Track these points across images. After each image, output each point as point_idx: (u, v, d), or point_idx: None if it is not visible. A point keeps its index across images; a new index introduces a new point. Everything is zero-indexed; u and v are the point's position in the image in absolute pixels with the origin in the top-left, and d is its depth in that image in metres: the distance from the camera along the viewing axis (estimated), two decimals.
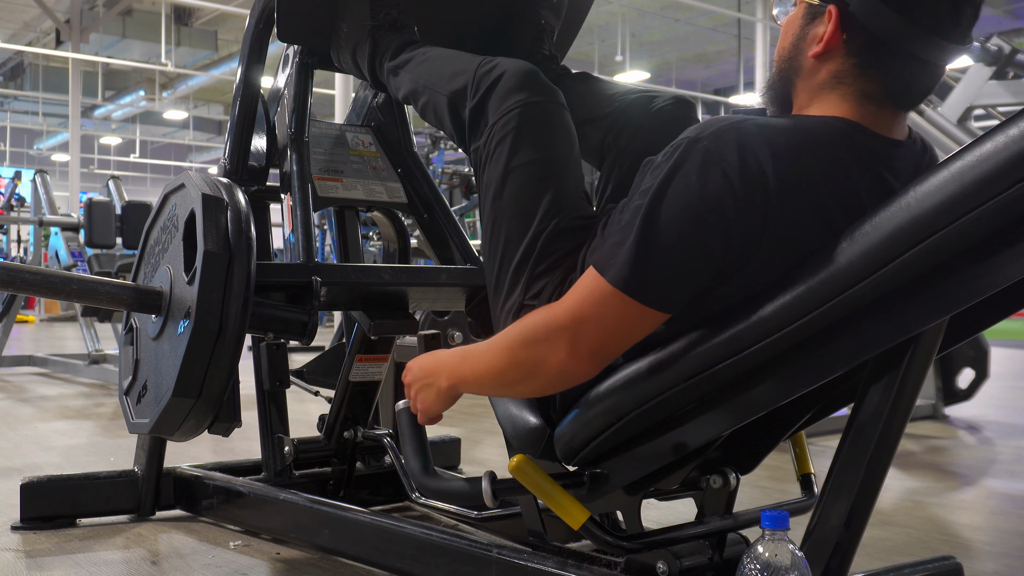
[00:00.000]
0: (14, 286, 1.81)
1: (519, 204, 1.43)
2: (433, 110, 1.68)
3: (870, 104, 1.18)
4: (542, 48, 2.00)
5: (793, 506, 1.49)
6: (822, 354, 1.10)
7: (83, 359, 5.74)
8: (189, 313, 1.79)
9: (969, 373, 4.04)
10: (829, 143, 1.15)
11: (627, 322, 1.16)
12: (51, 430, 3.62)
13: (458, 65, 1.63)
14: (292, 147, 2.14)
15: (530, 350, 1.21)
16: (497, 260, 1.44)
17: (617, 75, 15.48)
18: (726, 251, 1.12)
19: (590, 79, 1.87)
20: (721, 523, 1.41)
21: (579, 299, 1.17)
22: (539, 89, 1.49)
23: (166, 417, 1.83)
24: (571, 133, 1.49)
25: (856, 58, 1.17)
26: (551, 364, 1.19)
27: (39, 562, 1.91)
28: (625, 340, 1.18)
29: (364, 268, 2.11)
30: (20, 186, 8.50)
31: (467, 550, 1.55)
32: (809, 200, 1.12)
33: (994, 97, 4.77)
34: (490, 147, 1.48)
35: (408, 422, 1.44)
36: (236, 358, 1.81)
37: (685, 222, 1.11)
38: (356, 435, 2.23)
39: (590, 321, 1.16)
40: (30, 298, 13.96)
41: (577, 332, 1.16)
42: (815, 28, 1.20)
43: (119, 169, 23.64)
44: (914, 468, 3.01)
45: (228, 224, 1.82)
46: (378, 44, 1.90)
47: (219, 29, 15.75)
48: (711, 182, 1.10)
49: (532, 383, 1.24)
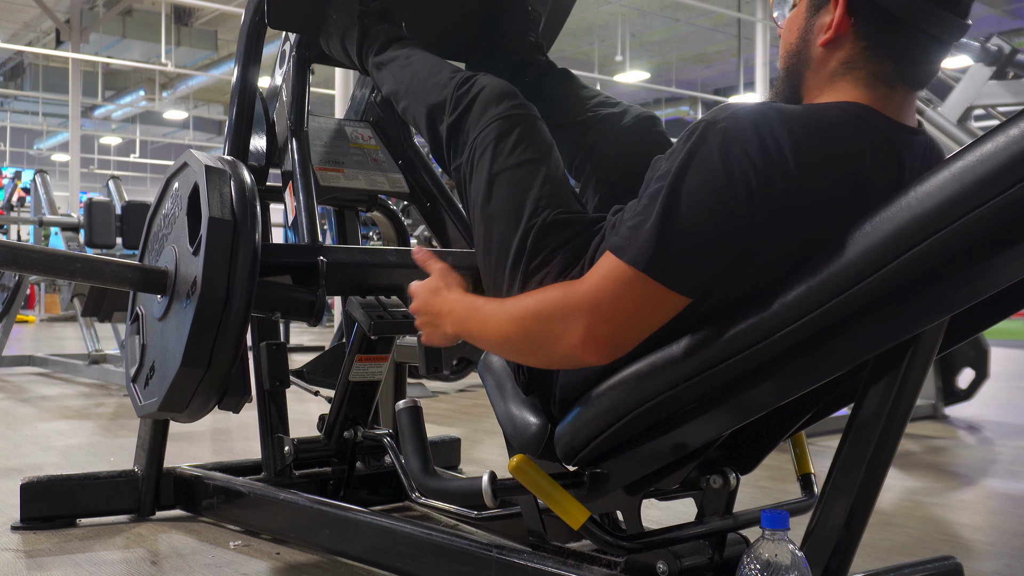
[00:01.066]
0: (18, 264, 1.79)
1: (506, 206, 1.45)
2: (412, 117, 1.74)
3: (882, 86, 1.18)
4: (528, 35, 2.03)
5: (793, 506, 1.49)
6: (822, 354, 1.10)
7: (83, 359, 5.74)
8: (195, 284, 1.77)
9: (969, 373, 4.04)
10: (844, 127, 1.15)
11: (647, 307, 1.14)
12: (51, 430, 3.62)
13: (438, 78, 1.67)
14: (292, 138, 2.14)
15: (543, 325, 1.19)
16: (492, 264, 1.46)
17: (617, 75, 15.48)
18: (750, 228, 1.10)
19: (571, 81, 1.91)
20: (721, 523, 1.41)
21: (598, 281, 1.15)
22: (515, 104, 1.54)
23: (175, 392, 1.81)
24: (549, 138, 1.54)
25: (866, 40, 1.18)
26: (563, 344, 1.17)
27: (39, 562, 1.91)
28: (643, 327, 1.16)
29: (370, 250, 2.11)
30: (20, 185, 8.49)
31: (467, 550, 1.55)
32: (827, 184, 1.12)
33: (994, 97, 4.77)
34: (472, 161, 1.52)
35: (408, 422, 1.44)
36: (244, 326, 1.79)
37: (709, 199, 1.09)
38: (356, 435, 2.22)
39: (608, 305, 1.14)
40: (30, 298, 13.97)
41: (595, 316, 1.14)
42: (821, 18, 1.21)
43: (119, 169, 23.65)
44: (914, 468, 3.01)
45: (232, 193, 1.82)
46: (367, 32, 1.92)
47: (219, 29, 15.75)
48: (734, 159, 1.09)
49: (537, 356, 1.24)
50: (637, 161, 1.64)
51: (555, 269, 1.37)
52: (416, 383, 4.90)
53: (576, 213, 1.43)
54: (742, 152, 1.09)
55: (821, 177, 1.11)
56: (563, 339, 1.17)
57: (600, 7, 14.00)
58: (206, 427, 3.74)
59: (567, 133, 1.78)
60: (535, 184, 1.45)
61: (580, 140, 1.77)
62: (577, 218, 1.42)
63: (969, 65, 4.83)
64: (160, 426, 2.25)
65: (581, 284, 1.18)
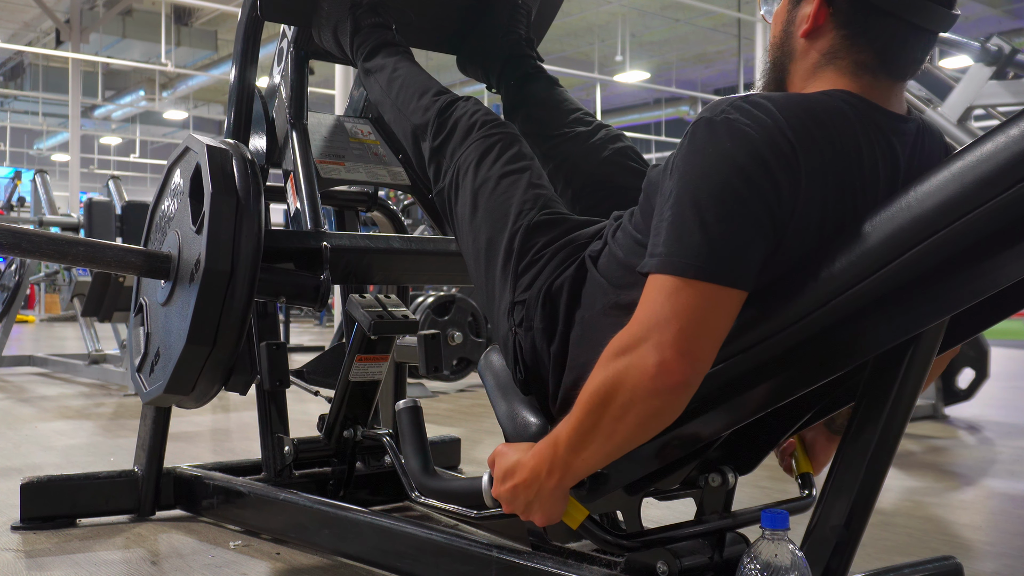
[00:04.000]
0: (20, 248, 1.77)
1: (492, 214, 1.48)
2: (398, 129, 1.79)
3: (866, 75, 1.19)
4: (518, 28, 2.05)
5: (792, 505, 1.49)
6: (822, 354, 1.10)
7: (83, 359, 5.74)
8: (199, 263, 1.76)
9: (969, 373, 4.05)
10: (835, 112, 1.14)
11: (712, 314, 1.06)
12: (51, 430, 3.62)
13: (422, 100, 1.72)
14: (292, 130, 2.14)
15: (606, 372, 1.08)
16: (483, 269, 1.48)
17: (617, 75, 15.47)
18: (779, 205, 1.08)
19: (554, 90, 1.94)
20: (720, 522, 1.41)
21: (651, 309, 1.07)
22: (495, 124, 1.59)
23: (180, 372, 1.80)
24: (529, 151, 1.59)
25: (845, 29, 1.19)
26: (636, 377, 1.05)
27: (39, 562, 1.91)
28: (711, 332, 1.07)
29: (374, 236, 2.11)
30: (20, 186, 8.49)
31: (467, 550, 1.55)
32: (826, 163, 1.11)
33: (994, 97, 4.76)
34: (456, 182, 1.57)
35: (408, 422, 1.44)
36: (249, 301, 1.78)
37: (738, 183, 1.07)
38: (356, 434, 2.22)
39: (668, 322, 1.05)
40: (30, 298, 13.97)
41: (659, 336, 1.05)
42: (802, 9, 1.23)
43: (119, 169, 23.63)
44: (914, 468, 3.01)
45: (235, 169, 1.81)
46: (359, 26, 1.93)
47: (219, 29, 15.74)
48: (748, 142, 1.08)
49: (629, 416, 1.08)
50: (607, 174, 1.73)
51: (546, 269, 1.38)
52: (416, 383, 4.91)
53: (561, 214, 1.46)
54: (752, 136, 1.09)
55: (820, 156, 1.11)
56: (632, 372, 1.06)
57: (600, 7, 13.99)
58: (206, 427, 3.74)
59: (543, 143, 1.82)
60: (518, 190, 1.48)
61: (553, 152, 1.81)
62: (562, 218, 1.45)
63: (969, 65, 4.83)
64: (160, 426, 2.25)
65: (633, 323, 1.09)
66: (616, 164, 1.75)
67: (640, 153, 1.80)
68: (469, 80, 2.94)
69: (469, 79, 2.35)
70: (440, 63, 10.52)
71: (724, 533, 1.40)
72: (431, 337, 2.24)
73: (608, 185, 1.72)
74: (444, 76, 4.15)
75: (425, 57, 3.37)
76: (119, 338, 5.82)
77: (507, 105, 1.97)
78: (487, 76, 2.06)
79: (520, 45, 2.03)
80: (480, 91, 10.67)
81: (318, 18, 2.03)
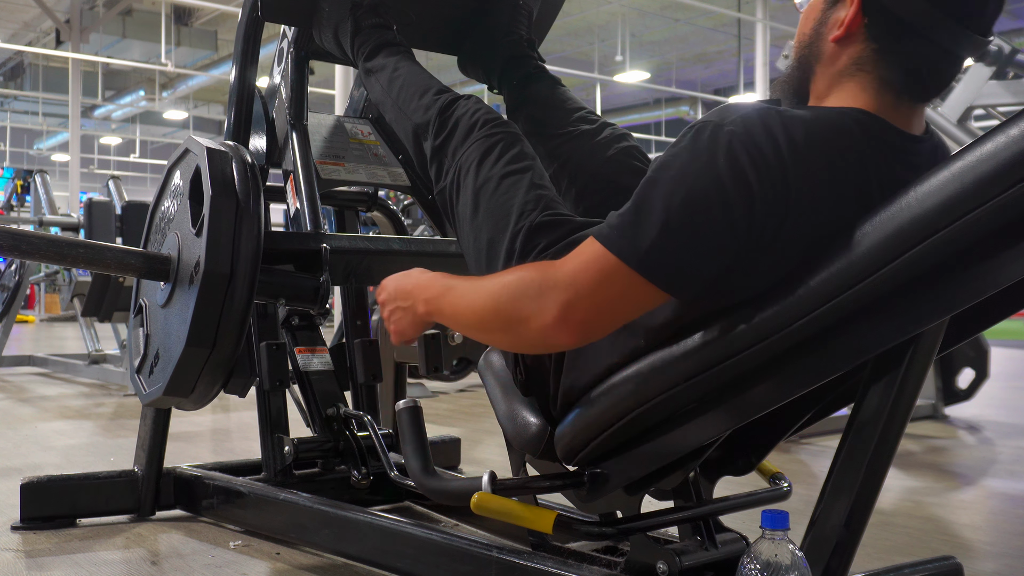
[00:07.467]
0: (19, 250, 1.77)
1: (494, 214, 1.47)
2: (399, 129, 1.78)
3: (889, 94, 1.17)
4: (519, 28, 2.04)
5: (770, 494, 1.49)
6: (822, 354, 1.10)
7: (83, 359, 5.75)
8: (199, 264, 1.76)
9: (969, 373, 4.04)
10: (848, 134, 1.13)
11: (629, 298, 1.12)
12: (51, 430, 3.62)
13: (423, 99, 1.71)
14: (292, 131, 2.14)
15: (517, 303, 1.16)
16: (484, 271, 1.48)
17: (617, 75, 15.47)
18: (748, 235, 1.08)
19: (557, 90, 1.93)
20: (702, 508, 1.41)
21: (581, 267, 1.13)
22: (497, 124, 1.58)
23: (180, 374, 1.80)
24: (531, 151, 1.58)
25: (877, 43, 1.16)
26: (536, 324, 1.14)
27: (39, 562, 1.91)
28: (620, 316, 1.15)
29: (374, 237, 2.11)
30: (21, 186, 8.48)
31: (467, 550, 1.55)
32: (827, 192, 1.10)
33: (994, 97, 4.77)
34: (457, 182, 1.56)
35: (408, 422, 1.44)
36: (249, 303, 1.78)
37: (713, 207, 1.07)
38: (338, 410, 2.22)
39: (589, 293, 1.11)
40: (30, 298, 13.97)
41: (574, 300, 1.12)
42: (837, 12, 1.19)
43: (119, 169, 23.63)
44: (914, 468, 3.01)
45: (235, 171, 1.81)
46: (359, 27, 1.93)
47: (219, 29, 15.74)
48: (740, 162, 1.07)
49: (509, 337, 1.21)
50: (611, 173, 1.71)
51: None
52: (416, 383, 4.90)
53: (564, 215, 1.45)
54: (749, 159, 1.07)
55: (822, 185, 1.10)
56: (537, 318, 1.14)
57: (600, 7, 13.99)
58: (206, 427, 3.74)
59: (546, 142, 1.80)
60: (520, 191, 1.47)
61: (557, 151, 1.79)
62: (565, 219, 1.44)
63: (969, 65, 4.83)
64: (160, 426, 2.25)
65: (562, 264, 1.15)
66: (621, 163, 1.73)
67: (646, 153, 1.77)
68: (470, 80, 2.93)
69: (470, 79, 2.35)
70: (441, 63, 10.52)
71: (708, 519, 1.40)
72: (431, 337, 2.24)
73: (612, 185, 1.69)
74: (445, 76, 4.14)
75: (426, 57, 3.37)
76: (119, 338, 5.83)
77: (509, 105, 1.96)
78: (488, 77, 2.06)
79: (521, 45, 2.02)
80: (481, 91, 10.68)
81: (318, 19, 2.02)
